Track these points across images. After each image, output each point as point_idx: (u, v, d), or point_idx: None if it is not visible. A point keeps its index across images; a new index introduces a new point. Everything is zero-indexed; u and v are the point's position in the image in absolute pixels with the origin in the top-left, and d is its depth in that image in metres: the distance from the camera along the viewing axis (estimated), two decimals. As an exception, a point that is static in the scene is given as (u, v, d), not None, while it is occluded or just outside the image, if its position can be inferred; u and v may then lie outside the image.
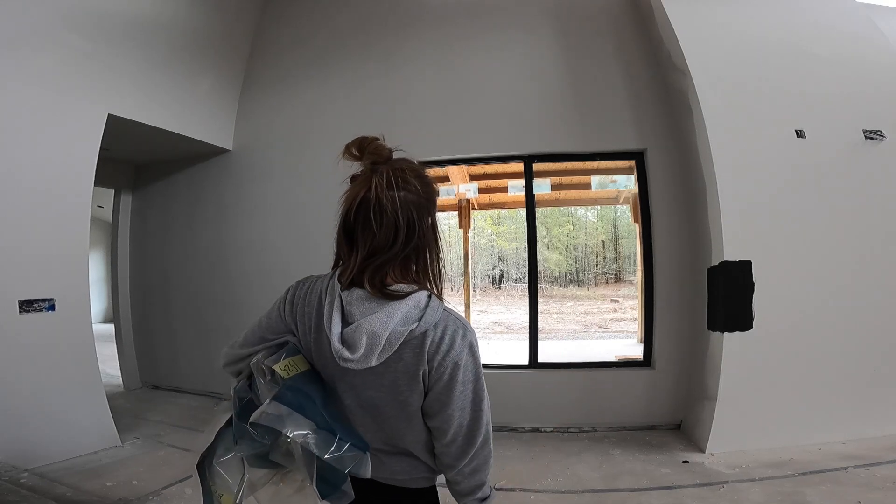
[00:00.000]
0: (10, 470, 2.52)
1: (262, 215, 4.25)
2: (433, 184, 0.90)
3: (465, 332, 0.82)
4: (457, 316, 0.85)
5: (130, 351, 4.83)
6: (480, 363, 0.85)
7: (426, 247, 0.85)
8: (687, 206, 3.42)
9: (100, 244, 7.21)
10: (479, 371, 0.84)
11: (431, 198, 0.88)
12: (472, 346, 0.83)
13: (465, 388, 0.83)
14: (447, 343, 0.80)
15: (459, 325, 0.83)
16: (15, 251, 2.83)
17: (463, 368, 0.81)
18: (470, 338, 0.83)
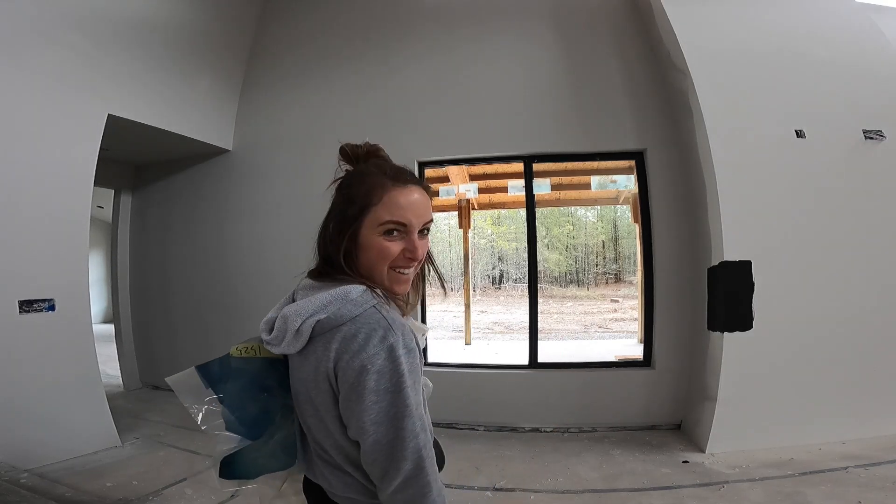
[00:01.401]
0: (10, 470, 2.52)
1: (262, 215, 4.25)
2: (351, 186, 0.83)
3: (385, 334, 0.72)
4: (388, 317, 0.75)
5: (130, 351, 4.83)
6: (406, 373, 0.72)
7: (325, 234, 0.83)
8: (687, 206, 3.42)
9: (100, 244, 7.21)
10: (401, 382, 0.71)
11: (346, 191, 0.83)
12: (394, 350, 0.72)
13: (380, 399, 0.70)
14: (359, 342, 0.72)
15: (381, 325, 0.73)
16: (15, 251, 2.83)
17: (376, 374, 0.70)
18: (391, 340, 0.72)
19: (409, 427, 0.71)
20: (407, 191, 0.81)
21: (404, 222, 0.79)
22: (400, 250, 0.80)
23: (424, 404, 0.83)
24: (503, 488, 2.64)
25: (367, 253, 0.80)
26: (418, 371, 0.76)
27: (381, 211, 0.79)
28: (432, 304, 4.84)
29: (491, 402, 3.61)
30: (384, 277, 0.81)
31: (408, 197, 0.80)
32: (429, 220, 0.84)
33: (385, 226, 0.79)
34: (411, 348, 0.74)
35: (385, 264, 0.80)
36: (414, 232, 0.81)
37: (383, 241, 0.79)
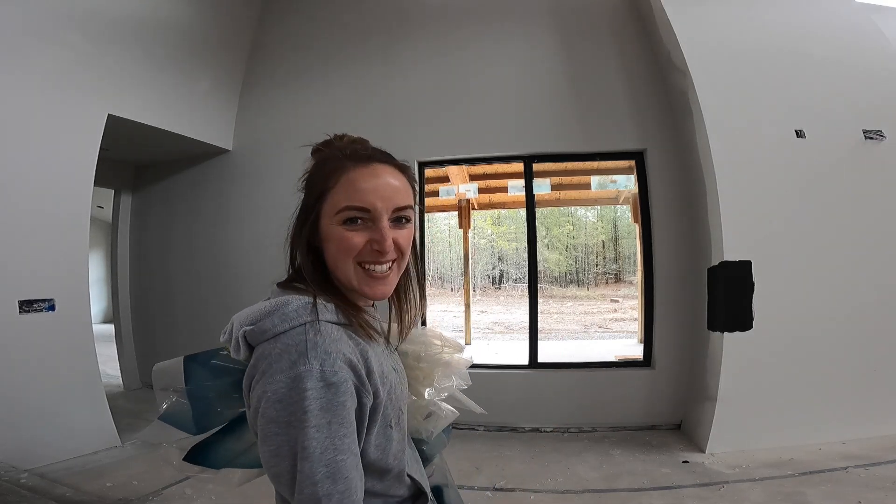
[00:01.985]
0: (10, 470, 2.52)
1: (262, 215, 4.25)
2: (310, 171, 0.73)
3: (296, 360, 0.58)
4: (311, 339, 0.60)
5: (130, 351, 4.84)
6: (314, 410, 0.57)
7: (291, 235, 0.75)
8: (687, 206, 3.42)
9: (100, 244, 7.21)
10: (303, 419, 0.57)
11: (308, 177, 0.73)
12: (301, 381, 0.57)
13: (280, 431, 0.57)
14: (267, 363, 0.60)
15: (298, 348, 0.59)
16: (15, 251, 2.83)
17: (277, 404, 0.57)
18: (301, 369, 0.58)
19: (306, 471, 0.57)
20: (369, 170, 0.68)
21: (366, 207, 0.66)
22: (364, 241, 0.67)
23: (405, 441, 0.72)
24: (503, 488, 2.64)
25: (329, 247, 0.69)
26: (343, 409, 0.59)
27: (338, 195, 0.67)
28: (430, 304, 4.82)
29: (491, 402, 3.60)
30: (351, 277, 0.69)
31: (370, 177, 0.67)
32: (404, 206, 0.69)
33: (344, 213, 0.67)
34: (332, 382, 0.58)
35: (348, 259, 0.68)
36: (382, 219, 0.67)
37: (343, 232, 0.67)
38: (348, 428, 0.60)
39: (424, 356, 0.93)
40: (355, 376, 0.62)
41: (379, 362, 0.68)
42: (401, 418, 0.73)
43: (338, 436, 0.59)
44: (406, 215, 0.70)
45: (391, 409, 0.69)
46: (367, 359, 0.65)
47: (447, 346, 0.94)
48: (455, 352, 0.96)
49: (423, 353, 0.93)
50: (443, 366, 0.94)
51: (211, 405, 0.79)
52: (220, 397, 0.79)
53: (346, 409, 0.60)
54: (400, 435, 0.73)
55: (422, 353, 0.93)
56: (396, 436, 0.71)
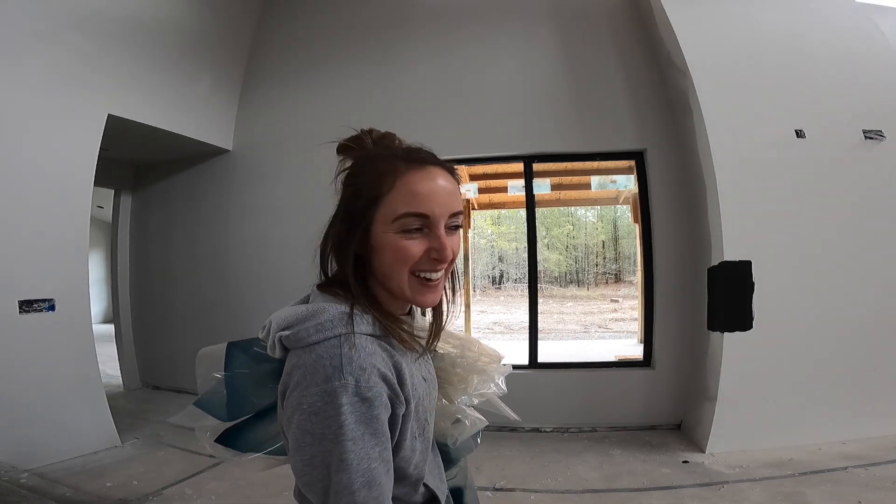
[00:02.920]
0: (10, 470, 2.52)
1: (262, 215, 4.25)
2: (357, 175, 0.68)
3: (330, 374, 0.58)
4: (346, 354, 0.59)
5: (130, 351, 4.83)
6: (350, 424, 0.57)
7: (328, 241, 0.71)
8: (687, 206, 3.42)
9: (100, 244, 7.22)
10: (340, 433, 0.57)
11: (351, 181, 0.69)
12: (335, 397, 0.57)
13: (315, 442, 0.58)
14: (301, 375, 0.59)
15: (333, 363, 0.58)
16: (15, 251, 2.83)
17: (313, 416, 0.57)
18: (335, 385, 0.57)
19: (344, 481, 0.57)
20: (426, 173, 0.64)
21: (426, 213, 0.63)
22: (423, 251, 0.64)
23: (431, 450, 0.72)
24: (503, 488, 2.64)
25: (382, 256, 0.65)
26: (377, 422, 0.59)
27: (396, 201, 0.63)
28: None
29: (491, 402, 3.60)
30: (405, 286, 0.65)
31: (428, 181, 0.64)
32: (457, 212, 0.66)
33: (402, 220, 0.63)
34: (367, 397, 0.58)
35: (405, 269, 0.64)
36: (439, 226, 0.64)
37: (400, 241, 0.63)
38: (381, 437, 0.60)
39: (460, 361, 0.94)
40: (389, 389, 0.61)
41: (410, 373, 0.67)
42: (426, 429, 0.72)
43: (371, 446, 0.59)
44: (458, 222, 0.67)
45: (416, 420, 0.68)
46: (399, 370, 0.64)
47: (483, 355, 0.94)
48: (492, 361, 0.96)
49: (459, 358, 0.94)
50: (478, 373, 0.95)
51: (246, 393, 0.80)
52: (256, 384, 0.80)
53: (379, 422, 0.60)
54: (423, 445, 0.72)
55: (458, 358, 0.94)
56: (419, 446, 0.70)
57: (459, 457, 0.96)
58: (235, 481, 2.76)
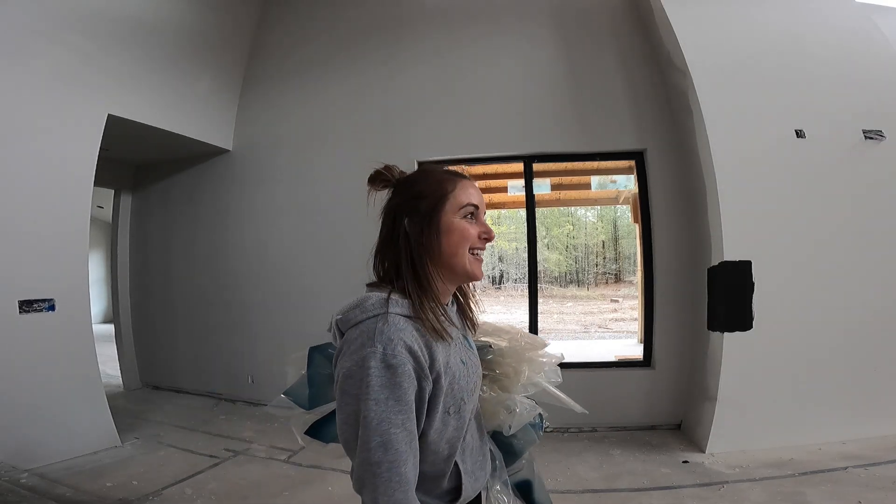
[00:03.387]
0: (10, 470, 2.52)
1: (262, 215, 4.25)
2: (420, 184, 0.87)
3: (365, 342, 0.72)
4: (380, 328, 0.73)
5: (130, 351, 4.83)
6: (374, 386, 0.69)
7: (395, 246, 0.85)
8: (687, 206, 3.42)
9: (100, 244, 7.21)
10: (366, 393, 0.69)
11: (406, 192, 0.87)
12: (366, 360, 0.70)
13: (349, 402, 0.71)
14: (347, 347, 0.74)
15: (369, 334, 0.72)
16: (15, 251, 2.83)
17: (349, 379, 0.71)
18: (367, 351, 0.71)
19: (363, 437, 0.69)
20: (471, 182, 0.90)
21: (478, 204, 0.87)
22: (477, 232, 0.86)
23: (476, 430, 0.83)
24: (503, 488, 2.63)
25: (450, 237, 0.84)
26: (399, 389, 0.71)
27: (460, 196, 0.85)
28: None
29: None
30: (466, 261, 0.85)
31: (473, 186, 0.89)
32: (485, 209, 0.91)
33: (465, 208, 0.85)
34: (391, 364, 0.70)
35: (467, 245, 0.84)
36: (483, 215, 0.88)
37: (465, 223, 0.84)
38: (403, 406, 0.71)
39: (507, 351, 1.05)
40: (415, 362, 0.73)
41: (446, 353, 0.80)
42: (462, 408, 0.83)
43: (393, 411, 0.70)
44: None
45: (451, 397, 0.80)
46: (431, 348, 0.77)
47: (527, 342, 1.04)
48: (537, 348, 1.05)
49: (508, 349, 1.05)
50: (527, 361, 1.04)
51: (322, 387, 0.97)
52: (329, 380, 0.92)
53: (402, 390, 0.71)
54: (458, 423, 0.83)
55: (507, 349, 1.05)
56: (453, 423, 0.81)
57: (523, 449, 1.04)
58: (235, 481, 2.76)
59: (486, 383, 1.05)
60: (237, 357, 4.31)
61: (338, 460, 2.90)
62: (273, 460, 3.05)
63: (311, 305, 3.97)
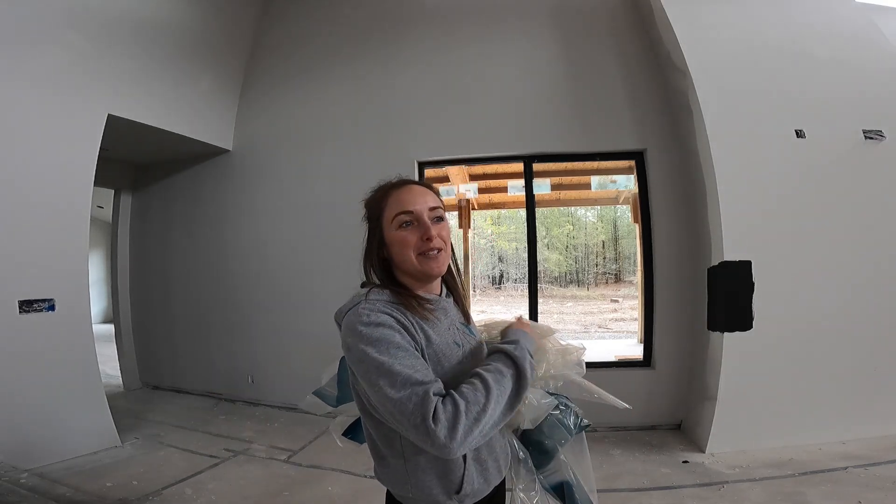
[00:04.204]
0: (10, 470, 2.52)
1: (262, 215, 4.25)
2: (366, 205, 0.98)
3: (355, 316, 0.85)
4: (362, 302, 0.87)
5: (130, 351, 4.83)
6: (371, 340, 0.81)
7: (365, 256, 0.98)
8: (687, 206, 3.42)
9: (100, 244, 7.21)
10: (366, 350, 0.80)
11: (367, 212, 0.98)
12: (354, 326, 0.83)
13: (361, 370, 0.82)
14: (343, 330, 0.87)
15: (357, 311, 0.86)
16: (15, 251, 2.83)
17: (351, 351, 0.83)
18: (352, 318, 0.85)
19: (381, 384, 0.77)
20: (406, 188, 0.95)
21: (409, 209, 0.91)
22: (417, 237, 0.91)
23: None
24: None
25: (394, 248, 0.93)
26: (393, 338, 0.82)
27: (391, 209, 0.93)
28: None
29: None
30: (415, 265, 0.91)
31: (407, 192, 0.94)
32: (435, 206, 0.94)
33: (397, 219, 0.91)
34: (373, 321, 0.83)
35: (409, 251, 0.91)
36: (422, 216, 0.92)
37: (400, 233, 0.92)
38: (400, 349, 0.81)
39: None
40: (396, 320, 0.85)
41: (434, 331, 0.91)
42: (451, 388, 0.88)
43: (397, 357, 0.79)
44: (439, 214, 0.95)
45: (439, 372, 0.86)
46: (413, 322, 0.88)
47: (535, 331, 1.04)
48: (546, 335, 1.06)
49: None
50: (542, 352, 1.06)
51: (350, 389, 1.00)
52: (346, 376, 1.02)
53: (395, 339, 0.82)
54: None
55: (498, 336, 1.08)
56: None
57: (555, 448, 1.03)
58: (235, 481, 2.76)
59: None
60: (237, 357, 4.31)
61: (338, 460, 2.90)
62: (273, 460, 3.05)
63: (311, 305, 3.98)
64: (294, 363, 3.91)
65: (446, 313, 0.98)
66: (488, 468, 0.93)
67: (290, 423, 3.71)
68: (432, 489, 0.87)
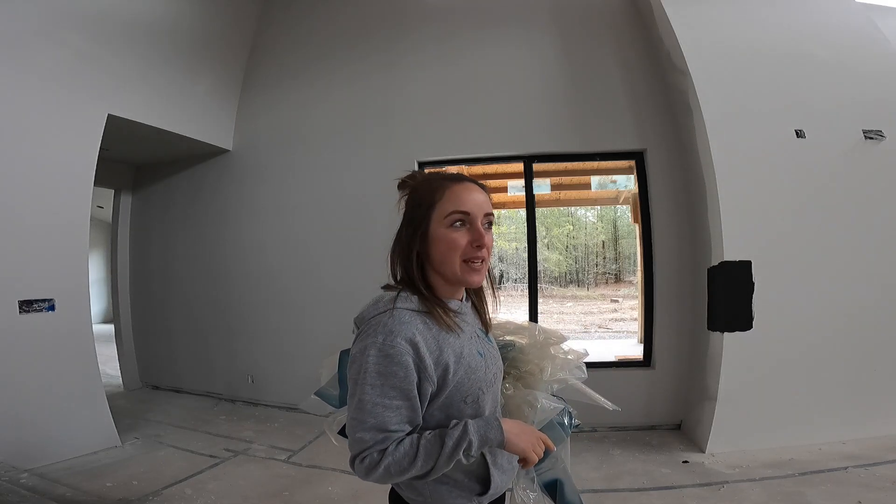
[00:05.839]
0: (10, 470, 2.52)
1: (262, 215, 4.25)
2: (422, 189, 0.90)
3: (370, 331, 0.80)
4: (387, 321, 0.80)
5: (130, 351, 4.83)
6: (371, 372, 0.77)
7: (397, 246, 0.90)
8: (687, 206, 3.42)
9: (100, 244, 7.21)
10: (363, 378, 0.77)
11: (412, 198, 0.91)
12: (367, 349, 0.78)
13: (351, 386, 0.82)
14: (358, 338, 0.83)
15: (376, 327, 0.80)
16: (15, 251, 2.83)
17: (352, 364, 0.81)
18: (369, 341, 0.79)
19: (358, 417, 0.78)
20: (465, 186, 0.89)
21: (467, 210, 0.86)
22: (467, 241, 0.86)
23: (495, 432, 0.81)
24: (503, 488, 2.63)
25: (438, 247, 0.86)
26: (395, 377, 0.77)
27: (446, 204, 0.86)
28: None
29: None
30: (457, 270, 0.86)
31: (467, 191, 0.88)
32: (490, 213, 0.90)
33: (451, 217, 0.85)
34: (388, 353, 0.77)
35: (456, 255, 0.85)
36: (477, 221, 0.87)
37: (451, 233, 0.85)
38: (398, 392, 0.77)
39: (528, 347, 1.07)
40: (415, 354, 0.79)
41: (459, 344, 0.85)
42: (479, 398, 0.87)
43: (388, 396, 0.77)
44: (491, 220, 0.91)
45: (467, 387, 0.85)
46: (440, 340, 0.83)
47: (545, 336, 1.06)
48: (557, 342, 1.07)
49: (527, 344, 1.07)
50: (549, 358, 1.07)
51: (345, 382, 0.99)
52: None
53: (398, 378, 0.77)
54: (473, 411, 0.86)
55: (526, 345, 1.08)
56: (469, 411, 0.86)
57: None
58: (235, 481, 2.76)
59: (511, 381, 1.08)
60: (237, 357, 4.31)
61: (337, 460, 2.90)
62: (273, 460, 3.05)
63: (311, 305, 3.98)
64: (294, 363, 3.91)
65: (466, 321, 0.93)
66: (508, 473, 0.95)
67: (290, 423, 3.71)
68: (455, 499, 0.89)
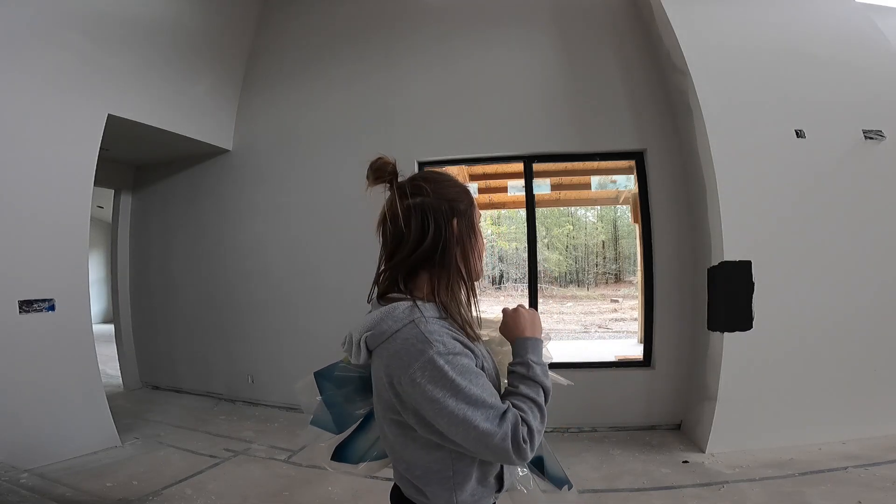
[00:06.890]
0: (10, 470, 2.52)
1: (262, 215, 4.25)
2: (454, 187, 0.88)
3: (423, 348, 0.74)
4: (425, 330, 0.76)
5: (130, 351, 4.83)
6: (455, 376, 0.74)
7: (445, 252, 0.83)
8: (687, 206, 3.42)
9: (100, 244, 7.21)
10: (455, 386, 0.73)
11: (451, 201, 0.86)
12: (435, 361, 0.73)
13: (444, 406, 0.73)
14: (404, 360, 0.75)
15: (420, 340, 0.75)
16: (15, 251, 2.83)
17: (430, 385, 0.73)
18: (430, 354, 0.74)
19: (471, 419, 0.73)
20: None
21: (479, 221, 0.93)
22: None
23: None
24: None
25: (478, 241, 0.90)
26: (467, 365, 0.76)
27: (476, 213, 0.91)
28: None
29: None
30: (479, 275, 0.91)
31: None
32: None
33: (479, 226, 0.92)
34: (453, 352, 0.75)
35: (482, 262, 0.92)
36: None
37: (482, 240, 0.92)
38: (475, 374, 0.76)
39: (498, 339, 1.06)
40: (462, 343, 0.78)
41: (478, 348, 0.84)
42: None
43: (478, 385, 0.75)
44: None
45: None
46: (466, 343, 0.81)
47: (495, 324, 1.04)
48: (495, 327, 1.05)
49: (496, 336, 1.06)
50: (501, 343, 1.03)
51: (343, 409, 0.98)
52: (347, 402, 0.98)
53: (473, 370, 0.77)
54: None
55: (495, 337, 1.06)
56: None
57: None
58: (235, 481, 2.76)
59: None
60: (237, 357, 4.31)
61: (338, 460, 2.90)
62: (273, 460, 3.06)
63: (311, 305, 3.98)
64: (294, 363, 3.91)
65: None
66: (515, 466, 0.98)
67: (290, 423, 3.71)
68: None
